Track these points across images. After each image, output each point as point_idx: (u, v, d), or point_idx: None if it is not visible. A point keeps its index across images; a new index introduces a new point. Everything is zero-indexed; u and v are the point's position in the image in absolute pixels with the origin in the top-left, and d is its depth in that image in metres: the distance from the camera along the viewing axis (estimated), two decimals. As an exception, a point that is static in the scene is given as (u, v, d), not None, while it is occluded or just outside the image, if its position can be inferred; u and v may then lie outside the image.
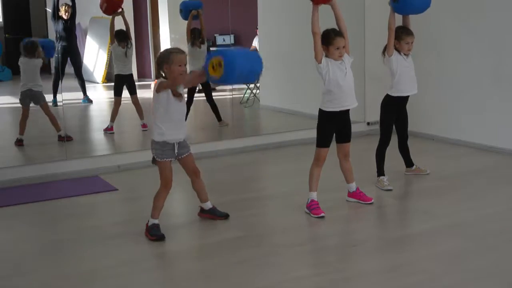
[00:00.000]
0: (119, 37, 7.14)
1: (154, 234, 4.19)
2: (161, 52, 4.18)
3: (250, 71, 4.05)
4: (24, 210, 4.94)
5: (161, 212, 4.27)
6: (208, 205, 4.54)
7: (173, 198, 4.42)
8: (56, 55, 7.15)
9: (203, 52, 7.45)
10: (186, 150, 4.29)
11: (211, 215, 4.54)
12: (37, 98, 6.58)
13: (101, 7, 7.01)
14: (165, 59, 4.07)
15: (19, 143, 6.63)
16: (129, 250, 4.03)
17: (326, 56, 4.52)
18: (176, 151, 4.21)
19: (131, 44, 7.26)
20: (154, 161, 4.24)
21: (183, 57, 4.11)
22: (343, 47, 4.50)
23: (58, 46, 7.23)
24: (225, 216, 4.54)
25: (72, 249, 4.10)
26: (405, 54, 5.23)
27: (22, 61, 6.50)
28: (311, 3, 4.47)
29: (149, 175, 5.94)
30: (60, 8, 7.10)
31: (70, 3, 7.12)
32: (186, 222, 4.65)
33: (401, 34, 5.17)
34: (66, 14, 7.17)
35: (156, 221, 4.26)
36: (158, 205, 4.26)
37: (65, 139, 6.56)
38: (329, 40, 4.46)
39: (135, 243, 4.14)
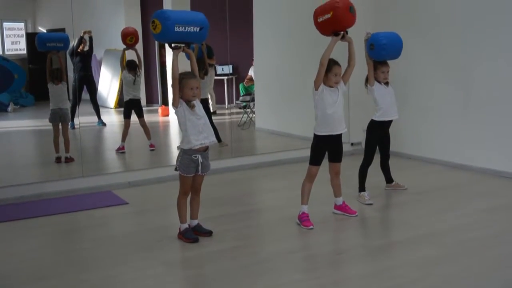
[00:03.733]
0: (130, 66, 7.24)
1: (189, 237, 4.28)
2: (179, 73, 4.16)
3: (188, 21, 3.99)
4: (46, 222, 4.92)
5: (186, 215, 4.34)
6: (194, 222, 4.44)
7: (174, 211, 4.43)
8: (73, 83, 7.23)
9: (205, 83, 7.50)
10: (206, 170, 4.29)
11: (196, 232, 4.39)
12: (65, 116, 6.65)
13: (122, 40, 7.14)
14: (180, 82, 4.11)
15: (57, 160, 6.66)
16: (139, 257, 4.03)
17: (324, 83, 4.53)
18: (199, 168, 4.22)
19: (140, 73, 7.33)
20: (177, 169, 4.26)
21: (193, 81, 4.13)
22: (340, 74, 4.55)
23: (76, 75, 7.30)
24: (209, 233, 4.41)
25: (89, 256, 4.11)
26: (384, 84, 5.30)
27: (51, 87, 6.56)
28: (332, 36, 4.51)
29: (157, 190, 5.99)
30: None
31: (87, 38, 7.23)
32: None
33: (376, 64, 5.23)
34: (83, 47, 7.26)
35: (186, 225, 4.33)
36: (181, 211, 4.32)
37: (64, 160, 6.66)
38: (329, 67, 4.49)
39: (145, 251, 4.15)
